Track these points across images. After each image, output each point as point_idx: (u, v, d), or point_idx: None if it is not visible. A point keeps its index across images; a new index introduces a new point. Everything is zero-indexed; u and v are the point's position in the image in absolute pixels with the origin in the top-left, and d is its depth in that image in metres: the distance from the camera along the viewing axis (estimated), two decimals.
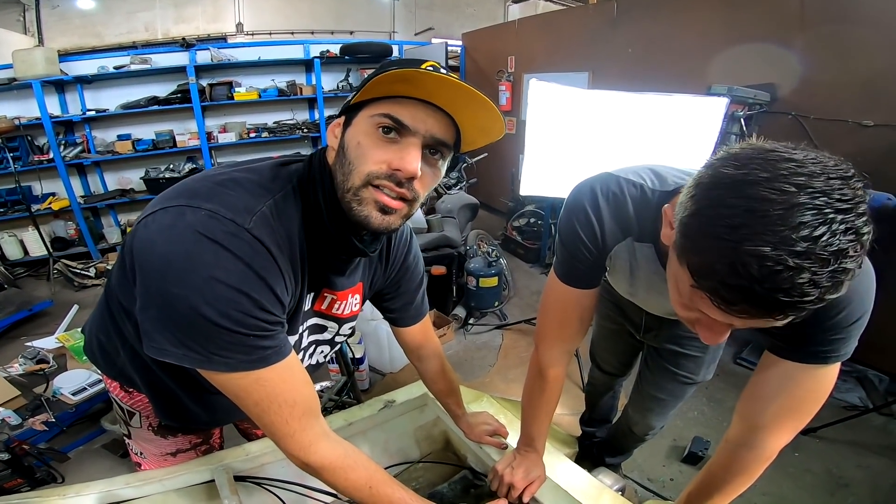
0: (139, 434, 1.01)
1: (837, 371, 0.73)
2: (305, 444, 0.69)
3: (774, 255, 0.44)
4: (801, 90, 2.62)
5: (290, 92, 4.90)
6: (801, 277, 0.45)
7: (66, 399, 2.08)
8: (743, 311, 0.50)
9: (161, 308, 0.58)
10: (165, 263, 0.56)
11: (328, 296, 0.81)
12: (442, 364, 1.12)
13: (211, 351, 0.59)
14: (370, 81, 0.61)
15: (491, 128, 0.66)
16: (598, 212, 0.82)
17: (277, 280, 0.62)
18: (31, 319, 3.29)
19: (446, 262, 2.93)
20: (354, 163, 0.63)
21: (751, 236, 0.46)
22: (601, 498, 0.96)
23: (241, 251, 0.57)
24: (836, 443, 2.09)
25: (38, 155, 4.22)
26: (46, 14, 6.99)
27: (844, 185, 0.46)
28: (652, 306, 1.09)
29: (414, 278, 0.99)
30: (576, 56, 4.03)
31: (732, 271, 0.47)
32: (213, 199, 0.58)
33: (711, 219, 0.50)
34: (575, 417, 2.06)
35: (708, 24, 3.03)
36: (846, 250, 0.45)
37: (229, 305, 0.57)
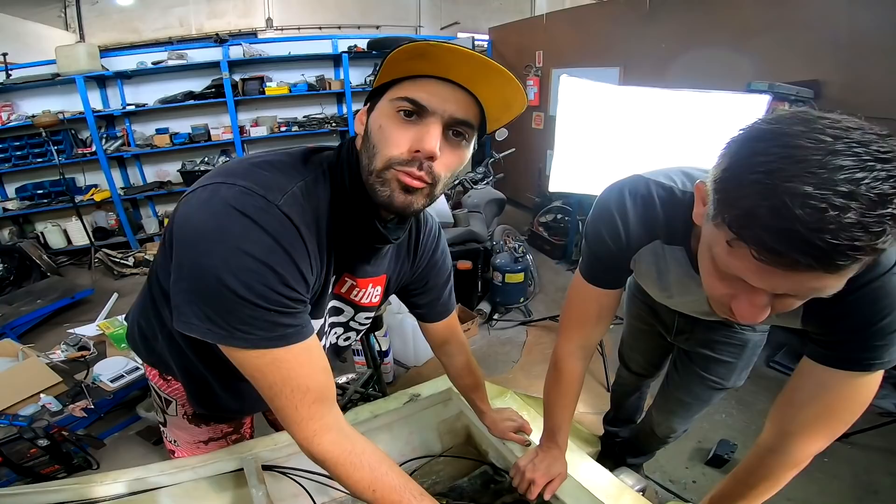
0: (174, 422, 1.06)
1: (879, 380, 0.71)
2: (310, 434, 0.69)
3: (819, 194, 0.43)
4: (848, 87, 2.52)
5: (319, 86, 4.97)
6: (847, 217, 0.43)
7: (105, 386, 2.16)
8: (788, 263, 0.47)
9: (191, 280, 0.60)
10: (198, 235, 0.59)
11: (348, 280, 0.83)
12: (468, 360, 1.13)
13: (233, 325, 0.60)
14: (386, 61, 0.62)
15: (513, 100, 0.66)
16: (624, 214, 0.82)
17: (303, 258, 0.63)
18: (73, 307, 3.43)
19: (472, 256, 2.94)
20: (377, 146, 0.64)
21: (791, 178, 0.44)
22: (622, 498, 0.96)
23: (269, 226, 0.59)
24: (867, 449, 2.03)
25: (81, 148, 4.40)
26: (86, 10, 7.26)
27: (882, 140, 0.45)
28: (684, 307, 1.08)
29: (441, 274, 1.00)
30: (606, 51, 3.96)
31: (775, 213, 0.45)
32: (247, 177, 0.61)
33: (748, 166, 0.49)
34: (598, 416, 2.05)
35: (748, 19, 2.94)
36: (891, 196, 0.43)
37: (254, 277, 0.58)
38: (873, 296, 0.63)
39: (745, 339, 1.22)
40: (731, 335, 1.22)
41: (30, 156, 4.25)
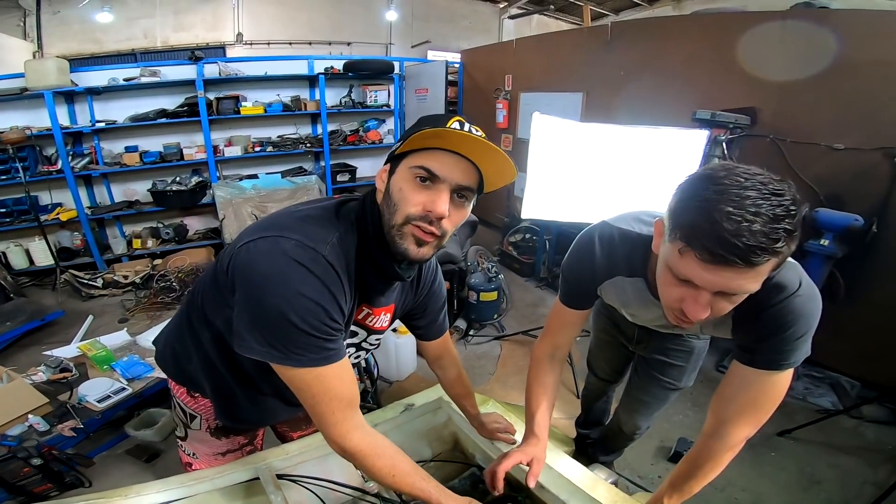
0: (196, 436, 1.15)
1: (789, 377, 0.91)
2: (343, 432, 0.84)
3: (736, 211, 0.64)
4: (779, 114, 2.81)
5: (294, 107, 4.98)
6: (755, 227, 0.63)
7: (92, 406, 2.17)
8: (720, 260, 0.67)
9: (256, 314, 0.75)
10: (264, 279, 0.73)
11: (365, 309, 0.97)
12: (459, 371, 1.30)
13: (290, 349, 0.75)
14: (409, 136, 0.77)
15: (505, 171, 0.81)
16: (592, 255, 1.05)
17: (342, 296, 0.78)
18: (42, 328, 3.34)
19: (448, 277, 3.09)
20: (398, 204, 0.78)
21: (719, 202, 0.66)
22: (597, 488, 1.10)
23: (319, 273, 0.74)
24: (809, 443, 2.26)
25: (46, 165, 4.25)
26: (46, 20, 7.03)
27: (777, 183, 0.67)
28: (644, 322, 1.29)
29: (438, 300, 1.16)
30: (571, 77, 4.15)
31: (710, 225, 0.66)
32: (298, 231, 0.76)
33: (692, 197, 0.71)
34: (570, 421, 2.21)
35: (694, 50, 3.19)
36: (782, 216, 0.64)
37: (310, 314, 0.73)
38: (780, 313, 0.84)
39: (692, 346, 1.46)
40: (681, 343, 1.45)
41: None
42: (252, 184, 4.74)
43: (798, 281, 0.85)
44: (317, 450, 1.22)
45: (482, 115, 5.14)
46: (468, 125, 0.77)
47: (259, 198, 4.66)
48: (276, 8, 8.22)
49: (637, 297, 1.07)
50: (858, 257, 2.46)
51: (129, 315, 3.68)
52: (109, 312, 3.77)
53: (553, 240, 4.08)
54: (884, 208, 2.42)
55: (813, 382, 2.67)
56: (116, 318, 3.65)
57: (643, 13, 8.18)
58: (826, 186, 2.63)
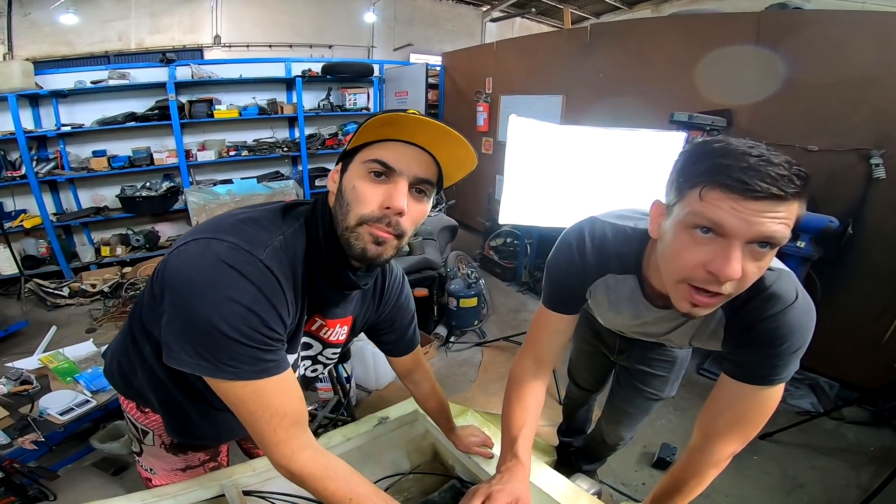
0: (151, 451, 1.08)
1: (780, 392, 0.86)
2: (289, 453, 0.75)
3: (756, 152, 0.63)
4: (754, 116, 2.84)
5: (270, 110, 4.90)
6: (776, 161, 0.62)
7: (54, 419, 2.08)
8: (752, 190, 0.61)
9: (184, 322, 0.67)
10: (192, 284, 0.66)
11: (318, 320, 0.90)
12: (432, 385, 1.22)
13: (220, 360, 0.67)
14: (361, 128, 0.72)
15: (465, 160, 0.76)
16: (582, 251, 0.95)
17: (282, 304, 0.71)
18: (5, 339, 3.20)
19: (427, 283, 3.03)
20: (351, 204, 0.72)
21: (737, 146, 0.64)
22: (579, 500, 1.06)
23: (254, 277, 0.67)
24: (790, 446, 2.26)
25: (10, 170, 4.09)
26: (17, 21, 6.82)
27: (771, 151, 0.64)
28: (632, 330, 1.20)
29: (406, 315, 1.09)
30: (551, 79, 4.17)
31: (736, 159, 0.63)
32: (234, 233, 0.69)
33: (702, 151, 0.68)
34: (552, 428, 2.17)
35: (672, 52, 3.22)
36: (793, 163, 0.63)
37: (241, 321, 0.66)
38: (775, 326, 0.79)
39: (675, 356, 1.41)
40: (663, 353, 1.41)
41: None
42: (227, 189, 4.63)
43: (795, 292, 0.79)
44: None
45: (463, 119, 5.12)
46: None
47: (234, 203, 4.54)
48: (256, 10, 8.07)
49: (628, 297, 0.99)
50: (834, 259, 2.47)
51: (96, 325, 3.54)
52: (76, 322, 3.62)
53: (534, 244, 4.05)
54: (859, 210, 2.44)
55: (792, 384, 2.67)
56: (83, 327, 3.51)
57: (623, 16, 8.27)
58: None
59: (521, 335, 3.20)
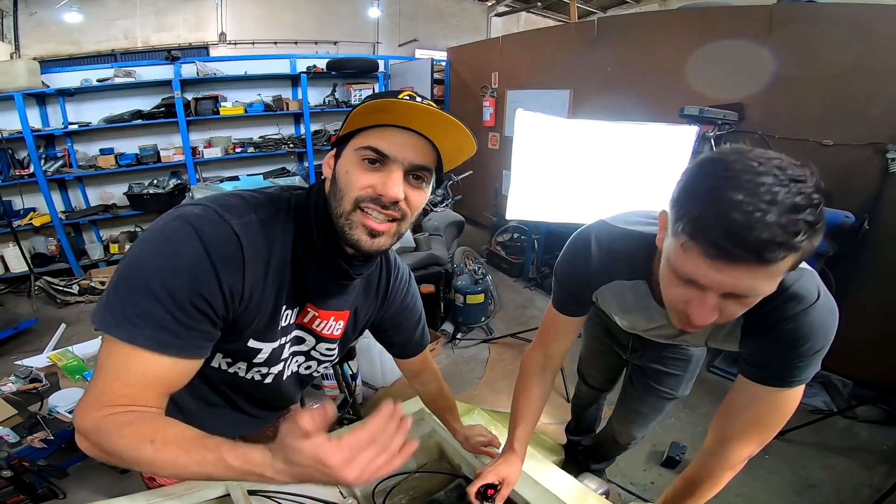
0: None
1: (799, 394, 0.84)
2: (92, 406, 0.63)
3: (748, 200, 0.55)
4: (766, 110, 2.78)
5: (276, 107, 4.90)
6: (769, 218, 0.55)
7: (63, 417, 2.11)
8: (728, 256, 0.58)
9: (120, 270, 0.63)
10: (149, 235, 0.65)
11: (310, 311, 0.86)
12: (440, 385, 1.20)
13: (125, 315, 0.60)
14: (352, 114, 0.68)
15: (464, 145, 0.72)
16: (588, 257, 0.95)
17: (235, 278, 0.66)
18: (16, 337, 3.23)
19: (434, 279, 3.01)
20: (344, 190, 0.70)
21: (728, 189, 0.57)
22: (587, 501, 1.05)
23: (209, 239, 0.63)
24: (802, 445, 2.22)
25: (18, 169, 4.13)
26: (24, 20, 6.87)
27: (797, 167, 0.58)
28: (645, 333, 1.20)
29: (413, 316, 1.06)
30: (558, 74, 4.13)
31: (717, 216, 0.57)
32: (215, 201, 0.68)
33: (698, 185, 0.62)
34: (560, 426, 2.15)
35: (680, 45, 3.16)
36: (802, 205, 0.55)
37: (170, 274, 0.61)
38: (796, 326, 0.76)
39: (690, 354, 1.38)
40: (678, 351, 1.37)
41: None
42: (233, 186, 4.62)
43: (816, 291, 0.77)
44: None
45: (469, 113, 5.10)
46: (420, 98, 0.68)
47: None
48: (261, 7, 8.10)
49: (638, 302, 0.97)
50: (850, 254, 2.43)
51: None
52: (85, 320, 3.64)
53: (542, 239, 4.02)
54: (875, 205, 2.39)
55: None
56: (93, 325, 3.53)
57: (630, 10, 8.19)
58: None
59: (528, 332, 3.18)
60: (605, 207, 1.02)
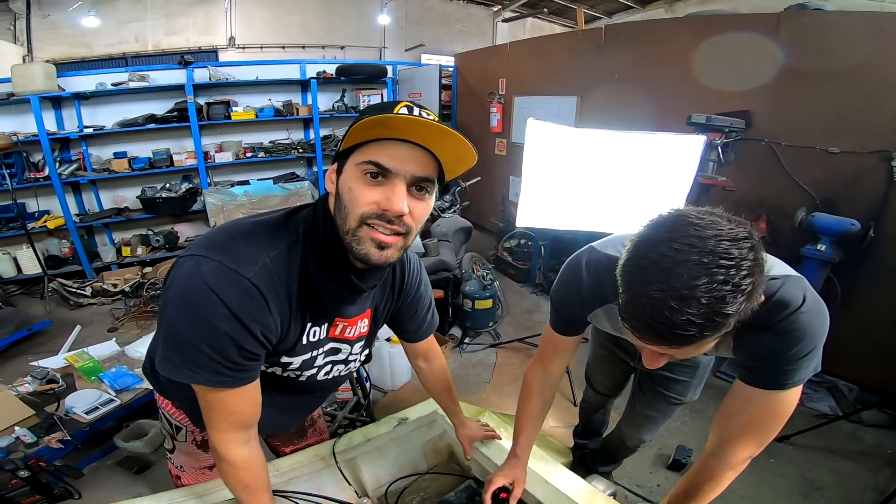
0: (183, 448, 1.12)
1: (796, 396, 0.87)
2: (226, 440, 0.83)
3: (661, 297, 0.61)
4: (774, 117, 2.80)
5: (286, 112, 4.94)
6: (680, 317, 0.60)
7: (80, 418, 2.13)
8: (646, 339, 0.66)
9: (164, 333, 0.74)
10: (178, 300, 0.71)
11: (340, 323, 0.91)
12: (443, 365, 1.27)
13: (184, 364, 0.73)
14: (351, 129, 0.70)
15: (465, 155, 0.72)
16: (579, 284, 1.01)
17: (266, 322, 0.75)
18: (29, 338, 3.28)
19: (443, 285, 3.05)
20: (349, 207, 0.71)
21: (649, 282, 0.63)
22: (595, 501, 1.08)
23: (232, 301, 0.70)
24: (808, 449, 2.24)
25: (33, 172, 4.19)
26: (36, 23, 6.95)
27: (732, 245, 0.61)
28: None
29: (425, 303, 1.11)
30: (565, 80, 4.14)
31: (635, 308, 0.65)
32: (226, 251, 0.72)
33: (628, 269, 0.68)
34: (567, 430, 2.18)
35: (687, 52, 3.17)
36: (724, 297, 0.59)
37: (213, 341, 0.71)
38: (784, 331, 0.80)
39: (698, 361, 1.42)
40: (686, 359, 1.39)
41: None
42: (244, 190, 4.69)
43: (802, 296, 0.79)
44: (309, 466, 1.20)
45: (476, 119, 5.13)
46: (418, 109, 0.69)
47: (251, 204, 4.61)
48: (268, 11, 8.16)
49: None
50: (855, 262, 2.45)
51: (118, 324, 3.62)
52: (98, 321, 3.70)
53: (548, 245, 4.05)
54: (880, 212, 2.41)
55: (811, 387, 2.65)
56: (105, 327, 3.59)
57: (636, 16, 8.21)
58: (822, 190, 2.62)
59: (535, 337, 3.21)
60: (613, 216, 1.07)
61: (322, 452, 1.23)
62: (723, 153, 2.70)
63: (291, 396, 1.03)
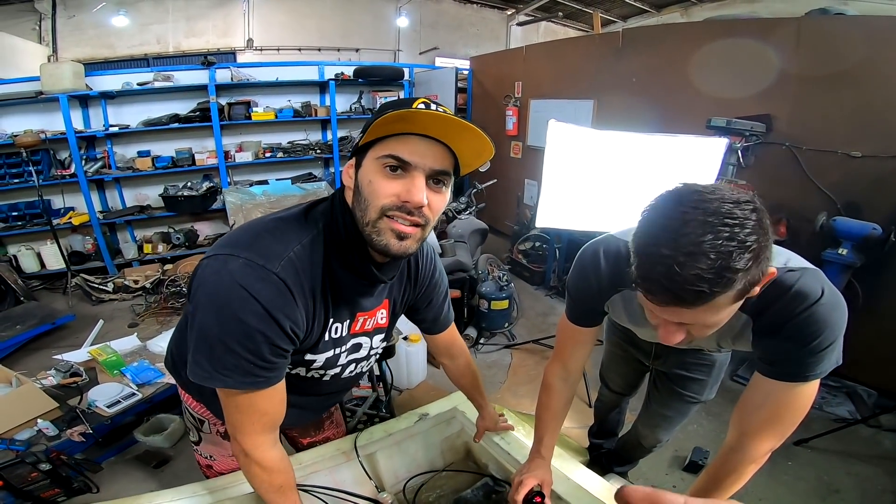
0: (209, 439, 1.14)
1: (815, 388, 0.87)
2: (258, 443, 0.84)
3: (670, 254, 0.63)
4: (794, 121, 2.78)
5: (304, 113, 5.01)
6: (690, 271, 0.61)
7: (102, 412, 2.14)
8: (660, 300, 0.67)
9: (196, 336, 0.74)
10: (207, 301, 0.72)
11: (360, 318, 0.93)
12: (468, 360, 1.27)
13: (216, 369, 0.73)
14: (372, 124, 0.70)
15: (482, 150, 0.75)
16: (597, 270, 1.01)
17: (294, 317, 0.75)
18: (52, 332, 3.35)
19: (459, 285, 3.07)
20: (369, 199, 0.73)
21: (658, 242, 0.65)
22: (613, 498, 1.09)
23: (264, 297, 0.70)
24: (826, 453, 2.22)
25: (60, 169, 4.30)
26: (62, 24, 7.11)
27: (735, 207, 0.63)
28: (651, 335, 1.23)
29: (441, 292, 1.12)
30: (582, 84, 4.14)
31: (646, 269, 0.67)
32: (251, 248, 0.73)
33: (639, 235, 0.70)
34: (582, 430, 2.18)
35: (707, 56, 3.16)
36: (731, 252, 0.61)
37: (246, 340, 0.72)
38: (803, 324, 0.80)
39: (714, 359, 1.41)
40: (702, 357, 1.41)
41: (6, 176, 4.14)
42: (262, 189, 4.75)
43: (820, 289, 0.80)
44: (330, 460, 1.21)
45: (492, 122, 5.14)
46: (434, 105, 0.71)
47: (269, 204, 4.66)
48: (286, 14, 8.28)
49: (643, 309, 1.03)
50: (876, 266, 2.41)
51: (139, 320, 3.69)
52: (119, 317, 3.78)
53: (563, 248, 4.04)
54: None
55: (829, 391, 2.62)
56: (126, 322, 3.66)
57: (651, 20, 8.17)
58: (843, 195, 2.59)
59: (550, 338, 3.21)
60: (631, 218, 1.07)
61: (344, 447, 1.23)
62: (743, 157, 2.69)
63: (313, 396, 1.05)
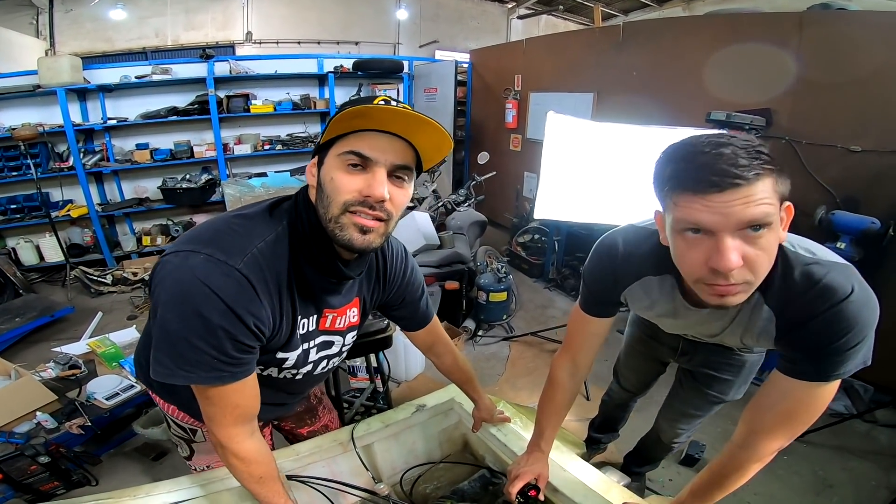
0: (203, 448, 1.12)
1: (834, 389, 0.83)
2: (232, 434, 0.83)
3: (706, 148, 0.67)
4: (794, 116, 2.78)
5: (303, 105, 4.99)
6: (725, 149, 0.66)
7: (101, 404, 2.14)
8: (709, 185, 0.66)
9: (157, 333, 0.72)
10: (168, 298, 0.70)
11: (329, 315, 0.91)
12: (455, 357, 1.26)
13: (179, 365, 0.71)
14: (332, 121, 0.71)
15: (441, 144, 0.76)
16: (615, 259, 0.98)
17: (258, 314, 0.74)
18: (51, 325, 3.35)
19: (458, 277, 3.06)
20: (331, 195, 0.73)
21: (693, 152, 0.69)
22: (610, 491, 1.08)
23: (225, 293, 0.69)
24: (822, 447, 2.23)
25: (58, 162, 4.29)
26: (59, 18, 7.07)
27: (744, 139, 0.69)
28: (680, 328, 1.20)
29: (415, 290, 1.11)
30: (582, 77, 4.13)
31: (690, 163, 0.68)
32: (213, 244, 0.71)
33: (665, 159, 0.73)
34: (580, 423, 2.19)
35: (708, 50, 3.15)
36: (756, 145, 0.67)
37: (208, 335, 0.70)
38: (831, 321, 0.76)
39: (744, 360, 1.34)
40: (731, 356, 1.34)
41: (4, 169, 4.13)
42: (261, 182, 4.72)
43: (850, 285, 0.75)
44: (326, 451, 1.21)
45: (491, 115, 5.13)
46: (395, 102, 0.71)
47: (268, 195, 4.59)
48: (285, 7, 8.26)
49: (665, 296, 0.98)
50: (875, 261, 2.41)
51: (137, 312, 3.69)
52: (118, 309, 3.78)
53: (562, 240, 4.04)
54: None
55: None
56: (125, 315, 3.66)
57: (653, 13, 8.13)
58: (842, 189, 2.59)
59: (548, 331, 3.22)
60: (631, 209, 1.05)
61: (341, 437, 1.23)
62: None
63: (287, 394, 1.05)
